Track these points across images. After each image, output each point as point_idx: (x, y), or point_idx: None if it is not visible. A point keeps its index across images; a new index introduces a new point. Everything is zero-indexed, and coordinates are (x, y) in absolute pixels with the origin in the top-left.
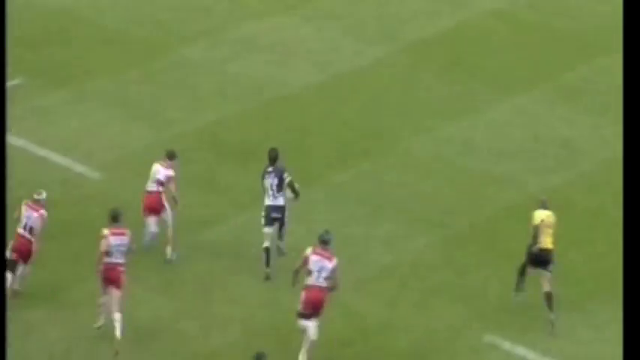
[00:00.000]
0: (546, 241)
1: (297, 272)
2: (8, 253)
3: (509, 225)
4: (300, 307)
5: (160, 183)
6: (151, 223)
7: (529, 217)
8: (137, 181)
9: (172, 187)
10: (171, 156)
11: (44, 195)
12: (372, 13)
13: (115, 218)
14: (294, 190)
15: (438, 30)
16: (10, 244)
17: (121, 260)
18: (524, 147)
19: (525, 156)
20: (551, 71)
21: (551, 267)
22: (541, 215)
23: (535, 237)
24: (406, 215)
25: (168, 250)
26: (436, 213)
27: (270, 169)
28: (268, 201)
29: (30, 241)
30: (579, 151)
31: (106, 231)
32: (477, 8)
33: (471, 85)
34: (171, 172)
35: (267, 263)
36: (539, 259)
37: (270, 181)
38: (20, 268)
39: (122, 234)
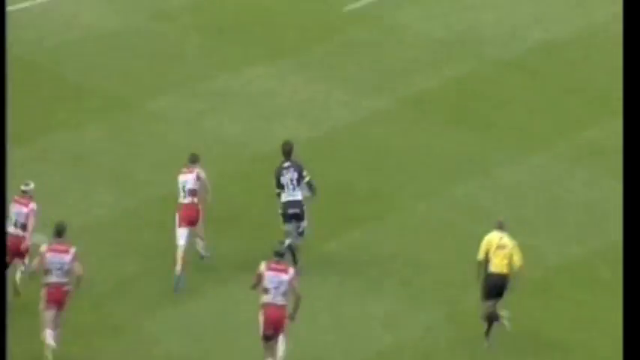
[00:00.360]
0: (500, 265)
1: (252, 288)
2: None
3: (526, 302)
4: (260, 329)
5: (193, 193)
6: (184, 234)
7: (549, 294)
8: (101, 252)
9: (205, 186)
10: (194, 159)
11: (32, 185)
12: (367, 62)
13: (59, 233)
14: (312, 189)
15: (442, 81)
16: None
17: (63, 280)
18: (540, 212)
19: (542, 223)
20: (570, 127)
21: (506, 294)
22: (492, 239)
23: (485, 267)
24: (407, 290)
25: (200, 244)
26: (442, 287)
27: (286, 164)
28: (285, 197)
29: (22, 238)
30: (603, 217)
31: (43, 247)
32: (486, 57)
33: (479, 143)
34: (200, 174)
35: (295, 260)
36: (494, 287)
37: (290, 175)
38: (17, 270)
39: (64, 251)
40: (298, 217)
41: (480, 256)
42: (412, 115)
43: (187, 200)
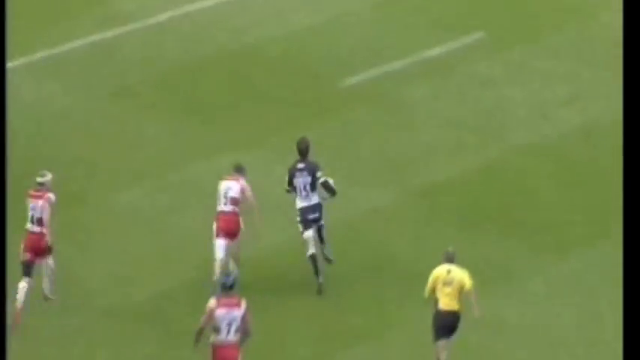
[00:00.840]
0: (449, 302)
1: (201, 331)
2: (21, 255)
3: None
4: None
5: (235, 202)
6: (222, 245)
7: None
8: None
9: (249, 198)
10: (239, 169)
11: (49, 176)
12: (367, 148)
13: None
14: (329, 189)
15: (458, 171)
16: (22, 244)
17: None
18: (578, 332)
19: (580, 344)
20: (611, 225)
21: (455, 334)
22: (439, 273)
23: (435, 302)
24: None
25: (232, 264)
26: None
27: (301, 165)
28: (301, 202)
29: (41, 235)
30: None
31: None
32: (511, 142)
33: (502, 245)
34: (244, 183)
35: (317, 272)
36: (443, 326)
37: (303, 180)
38: (44, 270)
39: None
40: (318, 221)
41: (426, 293)
42: (420, 213)
43: (228, 208)
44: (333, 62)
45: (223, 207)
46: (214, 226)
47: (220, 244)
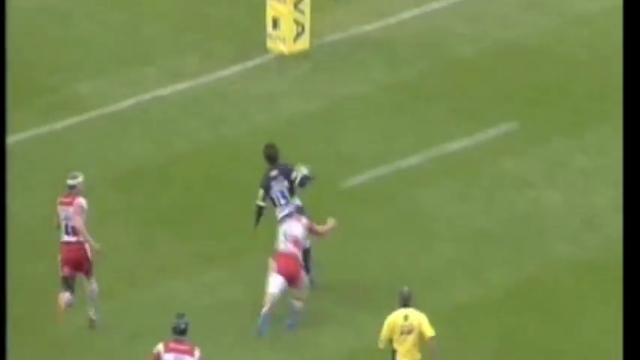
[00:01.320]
0: (410, 353)
1: None
2: (60, 270)
3: None
4: None
5: (296, 241)
6: (279, 283)
7: None
8: None
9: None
10: (300, 210)
11: (80, 178)
12: (379, 262)
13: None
14: (308, 181)
15: (485, 292)
16: (58, 258)
17: None
18: None
19: None
20: None
21: None
22: (395, 321)
23: (392, 354)
24: None
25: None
26: None
27: (274, 172)
28: (282, 212)
29: (78, 245)
30: None
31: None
32: (550, 256)
33: None
34: (306, 222)
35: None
36: None
37: (279, 187)
38: (88, 294)
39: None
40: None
41: (381, 344)
42: (444, 344)
43: (289, 248)
44: (332, 157)
45: (283, 246)
46: (273, 264)
47: (277, 281)
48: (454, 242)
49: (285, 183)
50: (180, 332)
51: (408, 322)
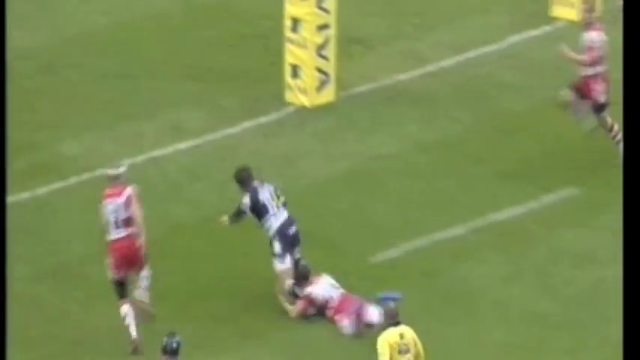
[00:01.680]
0: None
1: None
2: (110, 274)
3: None
4: None
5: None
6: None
7: None
8: None
9: None
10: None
11: (122, 169)
12: None
13: None
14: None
15: None
16: (107, 261)
17: None
18: None
19: None
20: None
21: None
22: (391, 340)
23: None
24: None
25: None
26: None
27: (255, 183)
28: (276, 220)
29: (131, 239)
30: None
31: None
32: (614, 340)
33: None
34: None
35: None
36: None
37: (267, 189)
38: (140, 285)
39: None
40: (299, 240)
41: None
42: None
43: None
44: (361, 227)
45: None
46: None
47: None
48: (504, 326)
49: (272, 186)
50: (171, 352)
51: (404, 341)
